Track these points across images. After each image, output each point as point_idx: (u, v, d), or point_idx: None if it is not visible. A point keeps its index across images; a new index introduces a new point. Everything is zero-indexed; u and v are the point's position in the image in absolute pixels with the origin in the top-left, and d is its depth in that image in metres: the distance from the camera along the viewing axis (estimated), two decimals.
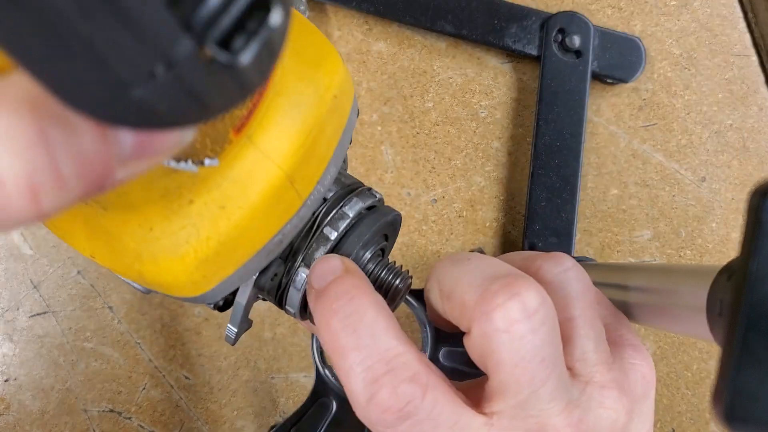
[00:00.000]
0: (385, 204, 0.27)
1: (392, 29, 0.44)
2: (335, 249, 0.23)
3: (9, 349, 0.41)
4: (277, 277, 0.24)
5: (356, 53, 0.44)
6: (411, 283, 0.26)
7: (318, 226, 0.23)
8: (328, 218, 0.23)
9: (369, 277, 0.24)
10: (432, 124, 0.44)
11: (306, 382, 0.42)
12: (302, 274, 0.23)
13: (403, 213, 0.44)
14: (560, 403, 0.20)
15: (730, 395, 0.16)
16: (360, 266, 0.24)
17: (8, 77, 0.11)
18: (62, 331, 0.41)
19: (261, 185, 0.19)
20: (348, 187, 0.24)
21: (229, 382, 0.42)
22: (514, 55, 0.44)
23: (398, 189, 0.44)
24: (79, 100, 0.10)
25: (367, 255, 0.24)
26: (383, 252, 0.27)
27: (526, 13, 0.42)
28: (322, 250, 0.23)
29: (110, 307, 0.42)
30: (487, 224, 0.44)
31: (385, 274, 0.25)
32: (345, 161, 0.25)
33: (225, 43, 0.10)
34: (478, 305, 0.21)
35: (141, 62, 0.10)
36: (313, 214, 0.23)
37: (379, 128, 0.44)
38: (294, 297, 0.24)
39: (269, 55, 0.11)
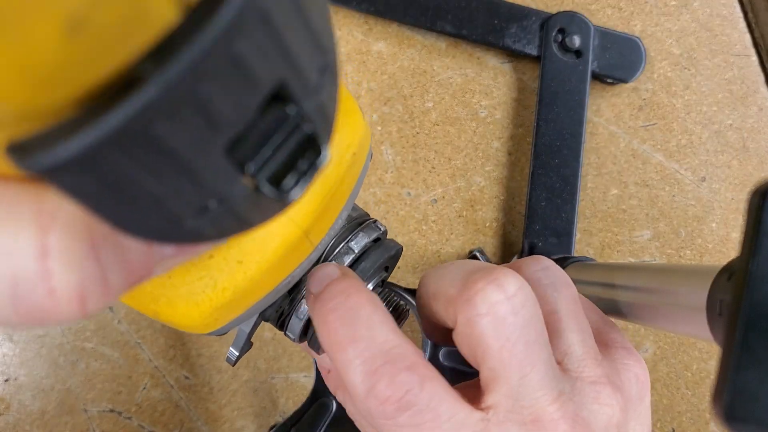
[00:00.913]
0: (388, 222, 0.27)
1: (392, 29, 0.44)
2: None
3: (9, 349, 0.41)
4: (281, 308, 0.24)
5: (356, 53, 0.44)
6: (409, 314, 0.27)
7: (324, 261, 0.24)
8: (335, 252, 0.24)
9: None
10: (432, 124, 0.44)
11: (306, 382, 0.42)
12: (305, 305, 0.24)
13: (402, 213, 0.44)
14: (551, 392, 0.21)
15: (730, 395, 0.16)
16: None
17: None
18: (62, 331, 0.41)
19: (278, 241, 0.20)
20: (355, 221, 0.25)
21: (229, 382, 0.42)
22: (514, 55, 0.44)
23: (398, 189, 0.44)
24: (133, 230, 0.11)
25: (369, 287, 0.25)
26: (383, 282, 0.27)
27: (526, 13, 0.42)
28: None
29: (110, 307, 0.42)
30: (487, 224, 0.44)
31: (385, 306, 0.25)
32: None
33: (276, 180, 0.10)
34: (460, 295, 0.21)
35: (196, 201, 0.10)
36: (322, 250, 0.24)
37: (379, 128, 0.44)
38: (295, 325, 0.24)
39: (313, 179, 0.11)
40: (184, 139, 0.09)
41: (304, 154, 0.11)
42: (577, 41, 0.41)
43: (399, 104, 0.44)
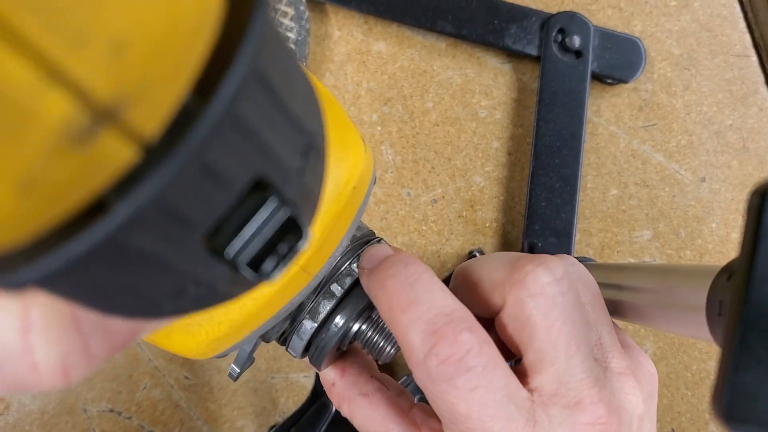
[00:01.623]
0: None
1: (392, 29, 0.44)
2: (341, 303, 0.24)
3: None
4: (282, 329, 0.24)
5: (356, 53, 0.44)
6: None
7: (326, 283, 0.24)
8: (336, 274, 0.24)
9: (373, 324, 0.25)
10: (432, 124, 0.44)
11: (306, 382, 0.42)
12: (306, 325, 0.24)
13: (402, 213, 0.44)
14: (591, 376, 0.21)
15: (730, 396, 0.16)
16: (365, 317, 0.24)
17: None
18: None
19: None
20: (359, 241, 0.25)
21: (229, 382, 0.42)
22: (514, 55, 0.44)
23: (398, 189, 0.44)
24: (111, 313, 0.11)
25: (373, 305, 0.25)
26: None
27: (526, 13, 0.42)
28: (327, 304, 0.23)
29: None
30: (487, 224, 0.44)
31: None
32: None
33: (255, 264, 0.10)
34: (509, 277, 0.22)
35: (174, 287, 0.10)
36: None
37: (379, 128, 0.44)
38: (297, 344, 0.24)
39: (293, 260, 0.11)
40: (156, 242, 0.09)
41: (285, 237, 0.11)
42: (577, 41, 0.41)
43: (399, 104, 0.44)
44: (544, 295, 0.21)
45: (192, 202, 0.09)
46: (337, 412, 0.39)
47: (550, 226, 0.41)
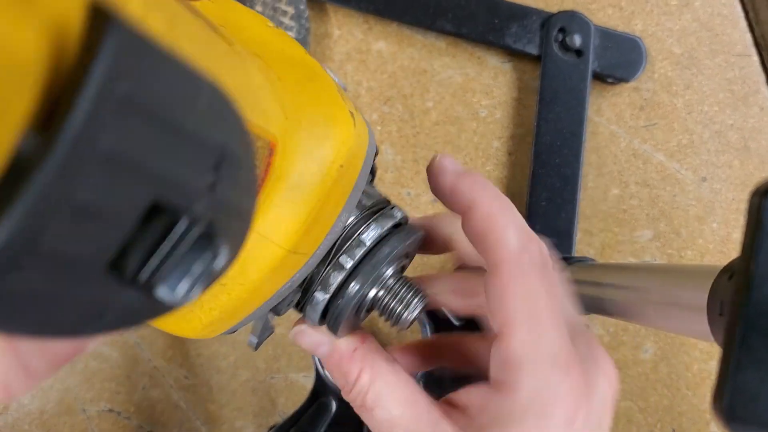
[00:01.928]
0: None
1: (392, 28, 0.44)
2: (352, 274, 0.24)
3: None
4: (293, 301, 0.24)
5: (356, 52, 0.44)
6: (428, 301, 0.26)
7: (335, 255, 0.23)
8: (345, 246, 0.23)
9: (390, 290, 0.24)
10: (432, 124, 0.44)
11: (305, 382, 0.42)
12: (318, 297, 0.23)
13: None
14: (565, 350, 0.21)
15: (731, 395, 0.16)
16: (381, 283, 0.24)
17: None
18: None
19: (261, 263, 0.19)
20: (369, 210, 0.24)
21: (228, 382, 0.42)
22: (514, 55, 0.44)
23: (398, 188, 0.43)
24: (37, 337, 0.10)
25: (389, 272, 0.25)
26: (403, 268, 0.27)
27: (526, 12, 0.42)
28: (337, 275, 0.23)
29: None
30: None
31: (405, 291, 0.25)
32: (373, 172, 0.25)
33: (171, 286, 0.10)
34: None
35: (88, 313, 0.10)
36: (332, 244, 0.23)
37: (379, 128, 0.44)
38: (311, 314, 0.24)
39: (212, 280, 0.11)
40: (45, 283, 0.09)
41: (200, 256, 0.10)
42: (577, 40, 0.41)
43: (399, 103, 0.44)
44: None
45: (74, 242, 0.08)
46: (337, 412, 0.39)
47: (550, 225, 0.41)
